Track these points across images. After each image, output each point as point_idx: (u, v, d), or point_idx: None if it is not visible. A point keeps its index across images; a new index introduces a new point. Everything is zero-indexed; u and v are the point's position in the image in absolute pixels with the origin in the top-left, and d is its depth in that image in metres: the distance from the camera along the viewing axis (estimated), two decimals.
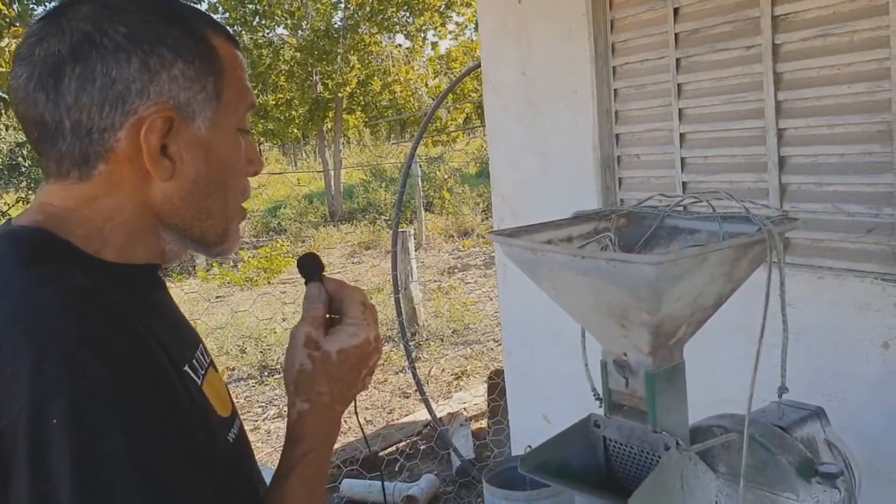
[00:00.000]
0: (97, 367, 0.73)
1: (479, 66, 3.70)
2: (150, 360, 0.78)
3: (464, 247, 12.38)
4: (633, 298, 1.49)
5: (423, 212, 12.86)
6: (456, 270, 10.81)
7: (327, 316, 0.99)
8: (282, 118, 16.15)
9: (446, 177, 15.35)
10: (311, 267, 1.01)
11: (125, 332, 0.78)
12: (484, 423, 5.15)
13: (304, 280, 1.00)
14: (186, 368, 0.86)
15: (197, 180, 0.88)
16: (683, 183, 2.62)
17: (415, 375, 4.65)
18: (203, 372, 0.90)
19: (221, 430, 0.89)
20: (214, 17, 0.93)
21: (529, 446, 1.67)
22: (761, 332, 1.52)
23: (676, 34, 2.57)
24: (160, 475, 0.74)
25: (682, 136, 2.62)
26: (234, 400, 0.98)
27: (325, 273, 1.01)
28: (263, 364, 7.15)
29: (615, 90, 2.85)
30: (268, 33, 15.75)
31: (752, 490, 1.68)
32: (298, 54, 15.51)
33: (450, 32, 17.39)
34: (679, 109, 2.60)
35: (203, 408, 0.85)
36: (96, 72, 0.82)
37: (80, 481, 0.70)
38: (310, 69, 15.71)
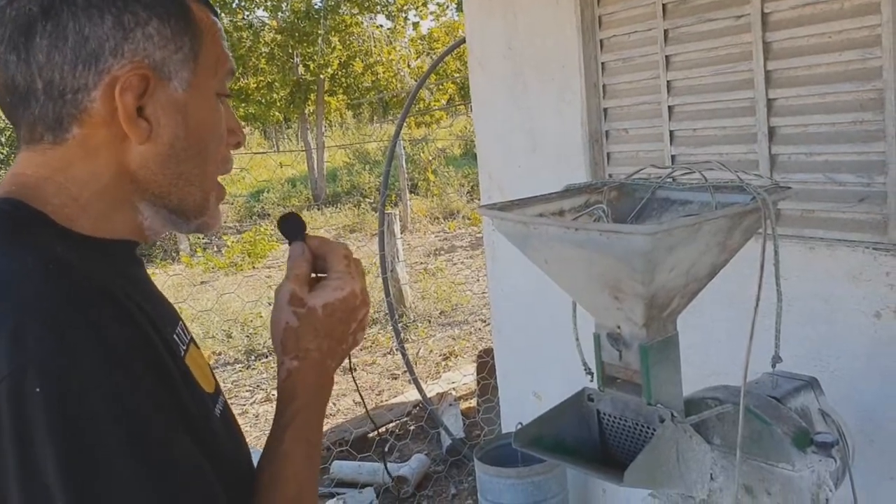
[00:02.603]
0: (79, 333, 0.71)
1: (463, 41, 3.66)
2: (134, 326, 0.76)
3: (449, 229, 12.36)
4: (628, 269, 1.47)
5: (407, 194, 12.81)
6: (442, 252, 10.79)
7: (313, 274, 0.97)
8: (263, 101, 16.00)
9: (431, 158, 15.29)
10: (292, 227, 0.99)
11: (108, 299, 0.76)
12: (473, 402, 5.15)
13: (287, 241, 0.98)
14: (170, 339, 0.84)
15: (174, 144, 0.85)
16: (672, 156, 2.60)
17: (404, 355, 4.64)
18: (185, 347, 0.88)
19: (209, 402, 0.86)
20: None
21: (520, 423, 1.66)
22: (756, 300, 1.51)
23: (664, 5, 2.54)
24: (151, 442, 0.72)
25: (670, 108, 2.59)
26: (221, 384, 0.96)
27: (307, 232, 0.99)
28: (250, 348, 7.12)
29: (602, 64, 2.82)
30: (247, 15, 15.57)
31: (747, 461, 1.67)
32: (279, 36, 15.35)
33: (431, 13, 17.27)
34: (667, 82, 2.58)
35: (189, 379, 0.83)
36: (68, 29, 0.80)
37: (64, 451, 0.68)
38: (290, 51, 15.55)
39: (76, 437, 0.69)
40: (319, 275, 0.97)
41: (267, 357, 7.02)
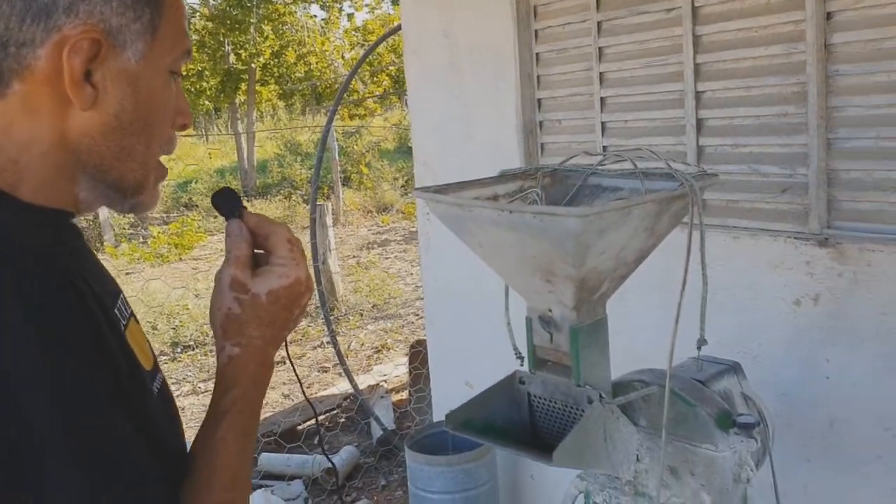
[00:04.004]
0: (16, 304, 0.69)
1: (399, 28, 3.64)
2: (76, 299, 0.73)
3: (383, 223, 12.31)
4: (559, 252, 1.48)
5: (340, 186, 12.70)
6: (375, 246, 10.75)
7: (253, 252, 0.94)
8: (192, 90, 15.63)
9: (364, 151, 15.20)
10: (227, 202, 0.94)
11: (50, 268, 0.73)
12: (404, 395, 5.14)
13: (223, 217, 0.94)
14: (111, 313, 0.81)
15: (120, 115, 0.82)
16: (604, 147, 2.64)
17: (335, 346, 4.59)
18: (125, 322, 0.85)
19: (147, 380, 0.84)
20: None
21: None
22: (683, 283, 1.54)
23: None
24: (87, 418, 0.70)
25: (602, 100, 2.63)
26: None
27: (244, 207, 0.95)
28: (175, 340, 6.96)
29: (537, 54, 2.84)
30: None
31: (672, 442, 1.71)
32: (210, 24, 15.02)
33: (366, 5, 17.10)
34: (600, 73, 2.62)
35: (129, 355, 0.80)
36: None
37: None
38: (221, 39, 15.24)
39: (11, 412, 0.66)
40: (257, 251, 0.94)
41: (193, 349, 6.87)
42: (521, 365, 1.77)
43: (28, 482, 0.67)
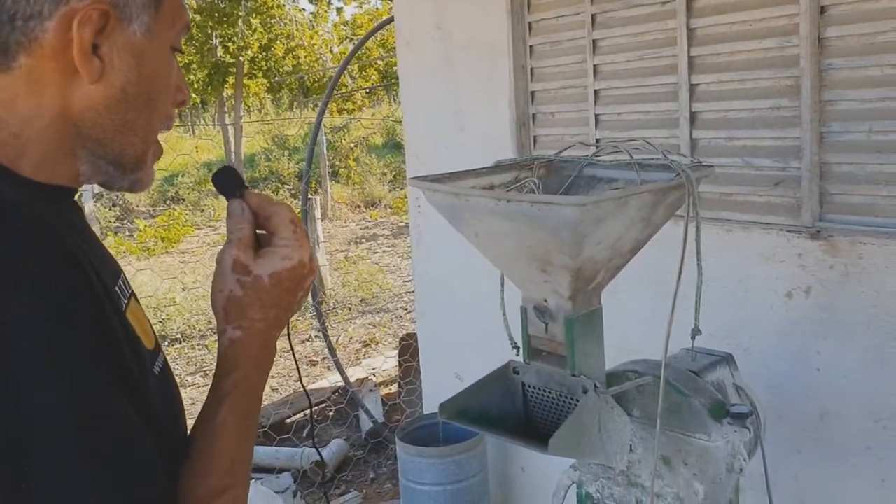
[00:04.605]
0: (22, 279, 0.68)
1: (391, 20, 3.63)
2: (80, 275, 0.72)
3: (371, 217, 12.29)
4: (556, 241, 1.49)
5: (328, 181, 12.67)
6: (363, 240, 10.73)
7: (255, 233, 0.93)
8: None
9: (352, 145, 15.16)
10: (229, 182, 0.93)
11: (55, 243, 0.72)
12: (393, 388, 5.14)
13: (224, 196, 0.93)
14: (112, 292, 0.80)
15: (125, 88, 0.82)
16: (597, 139, 2.64)
17: (326, 338, 4.59)
18: (126, 301, 0.84)
19: (148, 360, 0.83)
20: None
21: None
22: (679, 274, 1.55)
23: None
24: (88, 396, 0.69)
25: (596, 92, 2.63)
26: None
27: (246, 187, 0.94)
28: (163, 334, 6.92)
29: (531, 46, 2.84)
30: None
31: (665, 432, 1.72)
32: (198, 16, 14.92)
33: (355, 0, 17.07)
34: (594, 66, 2.62)
35: (130, 333, 0.80)
36: None
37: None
38: (209, 32, 15.16)
39: (11, 390, 0.66)
40: (260, 232, 0.93)
41: (180, 342, 6.84)
42: (517, 355, 1.77)
43: (29, 459, 0.66)
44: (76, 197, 0.89)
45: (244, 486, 0.89)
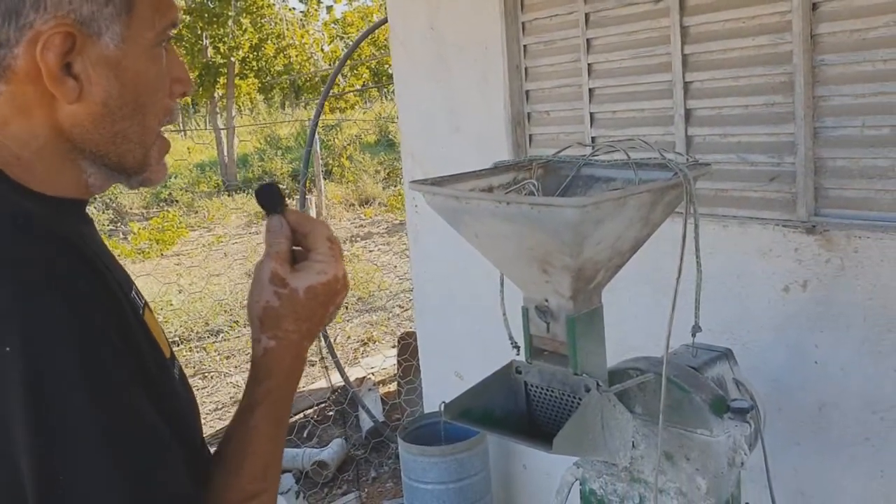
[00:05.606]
0: (47, 288, 0.70)
1: (385, 21, 3.63)
2: (99, 283, 0.74)
3: (366, 215, 12.29)
4: (557, 242, 1.50)
5: (322, 180, 12.66)
6: (358, 239, 10.73)
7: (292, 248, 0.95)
8: None
9: (346, 144, 15.15)
10: (270, 198, 0.95)
11: (75, 253, 0.74)
12: (392, 387, 5.15)
13: (265, 212, 0.95)
14: (131, 298, 0.82)
15: (108, 102, 0.82)
16: (593, 138, 2.66)
17: (326, 338, 4.60)
18: (141, 309, 0.86)
19: (168, 364, 0.85)
20: None
21: (444, 402, 1.68)
22: (679, 271, 1.56)
23: None
24: (115, 400, 0.71)
25: (590, 91, 2.65)
26: None
27: (286, 204, 0.95)
28: None
29: (525, 46, 2.85)
30: None
31: (667, 428, 1.73)
32: (187, 17, 14.89)
33: None
34: (588, 64, 2.63)
35: (152, 342, 0.82)
36: None
37: (32, 417, 0.67)
38: (200, 32, 15.12)
39: (43, 404, 0.67)
40: (295, 248, 0.95)
41: (178, 345, 6.84)
42: (517, 354, 1.78)
43: (58, 460, 0.68)
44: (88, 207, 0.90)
45: (274, 491, 0.91)
